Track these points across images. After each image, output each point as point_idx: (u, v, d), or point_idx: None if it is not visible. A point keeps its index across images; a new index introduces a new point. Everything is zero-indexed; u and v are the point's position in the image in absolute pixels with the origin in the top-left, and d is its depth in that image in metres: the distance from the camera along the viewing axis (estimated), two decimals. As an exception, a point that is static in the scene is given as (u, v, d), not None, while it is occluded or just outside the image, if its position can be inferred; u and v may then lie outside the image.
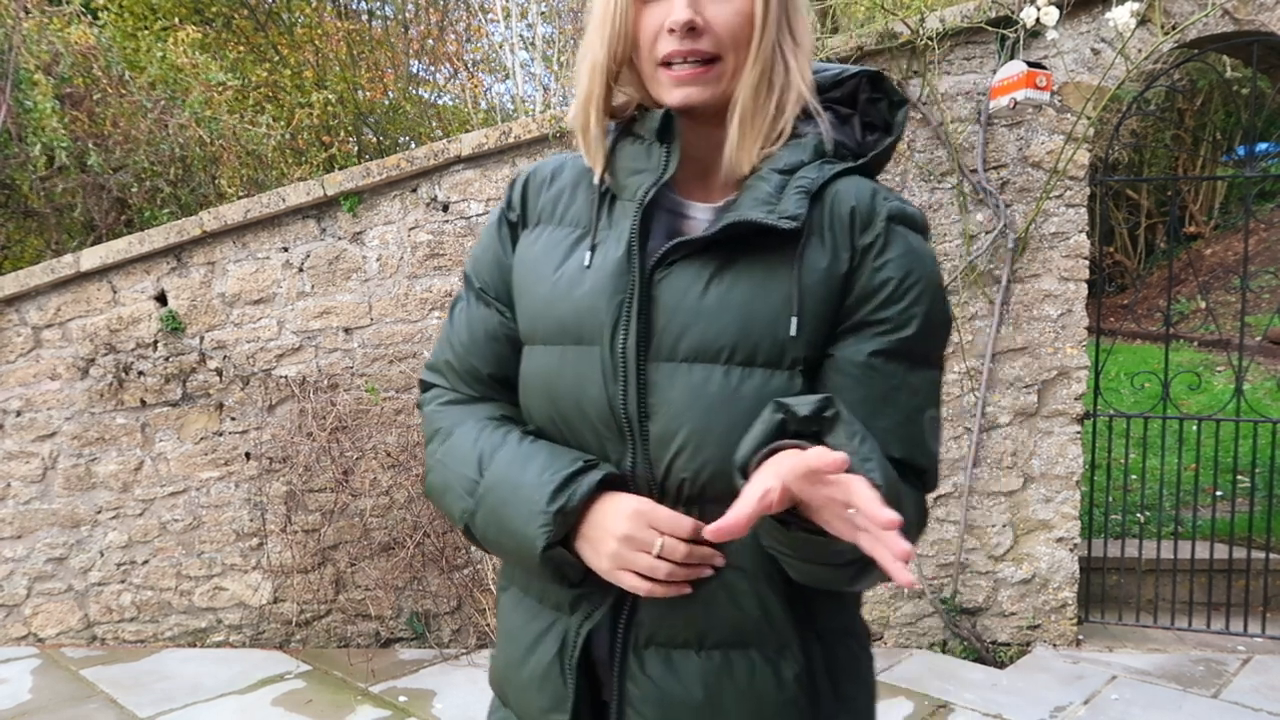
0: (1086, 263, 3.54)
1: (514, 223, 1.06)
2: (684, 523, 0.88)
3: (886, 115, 1.00)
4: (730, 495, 0.79)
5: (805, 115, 0.96)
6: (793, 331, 0.89)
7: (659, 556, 0.87)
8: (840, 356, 0.92)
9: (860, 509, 0.71)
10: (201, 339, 3.72)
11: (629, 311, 0.92)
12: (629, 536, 0.87)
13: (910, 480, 0.92)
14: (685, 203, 0.98)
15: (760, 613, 0.91)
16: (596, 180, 0.99)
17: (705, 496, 0.90)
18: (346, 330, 3.70)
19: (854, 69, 1.00)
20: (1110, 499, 4.29)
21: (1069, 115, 3.48)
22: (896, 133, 0.99)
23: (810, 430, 0.82)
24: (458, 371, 1.06)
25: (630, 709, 0.94)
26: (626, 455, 0.92)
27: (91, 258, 3.67)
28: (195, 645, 3.82)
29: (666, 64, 0.92)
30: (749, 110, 0.92)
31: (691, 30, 0.89)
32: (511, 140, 3.57)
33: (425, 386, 1.11)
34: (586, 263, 0.95)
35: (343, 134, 7.41)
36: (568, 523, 0.90)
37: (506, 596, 1.06)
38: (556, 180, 1.04)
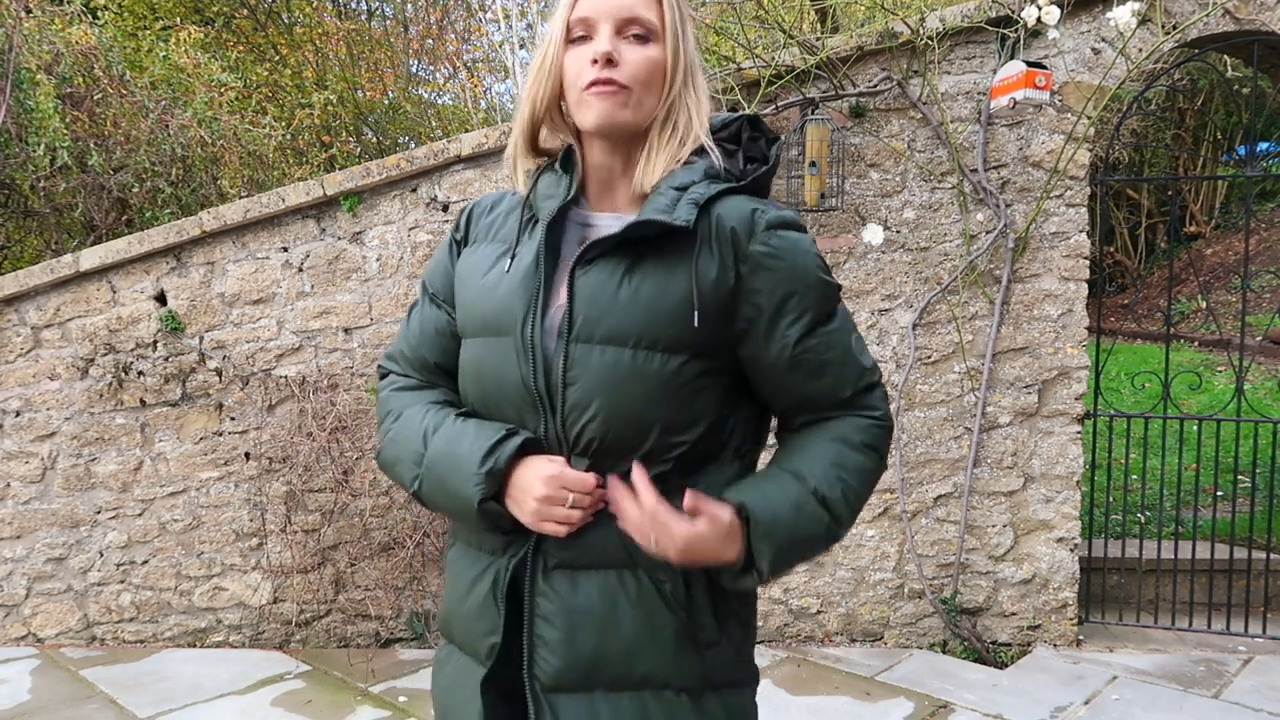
0: (1087, 262, 3.54)
1: (459, 241, 1.30)
2: (589, 480, 1.10)
3: (765, 150, 1.22)
4: (623, 451, 1.10)
5: (700, 151, 1.18)
6: (695, 324, 1.10)
7: (571, 507, 1.09)
8: (771, 356, 1.14)
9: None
10: (201, 339, 3.72)
11: (536, 306, 1.13)
12: (547, 497, 1.09)
13: (858, 404, 1.18)
14: (593, 214, 1.21)
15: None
16: (524, 206, 1.22)
17: (608, 451, 1.11)
18: (346, 330, 3.70)
19: (737, 115, 1.23)
20: (1111, 499, 4.29)
21: (1069, 115, 3.48)
22: (772, 160, 1.21)
23: None
24: (410, 360, 1.30)
25: (541, 620, 1.15)
26: (540, 422, 1.13)
27: (91, 258, 3.67)
28: (195, 645, 3.82)
29: (591, 86, 1.12)
30: (655, 144, 1.15)
31: (610, 61, 1.11)
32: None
33: (383, 373, 1.34)
34: (506, 269, 1.19)
35: (343, 134, 7.41)
36: (497, 482, 1.12)
37: (454, 550, 1.27)
38: (495, 209, 1.28)
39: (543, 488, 1.09)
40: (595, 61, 1.11)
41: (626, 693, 1.13)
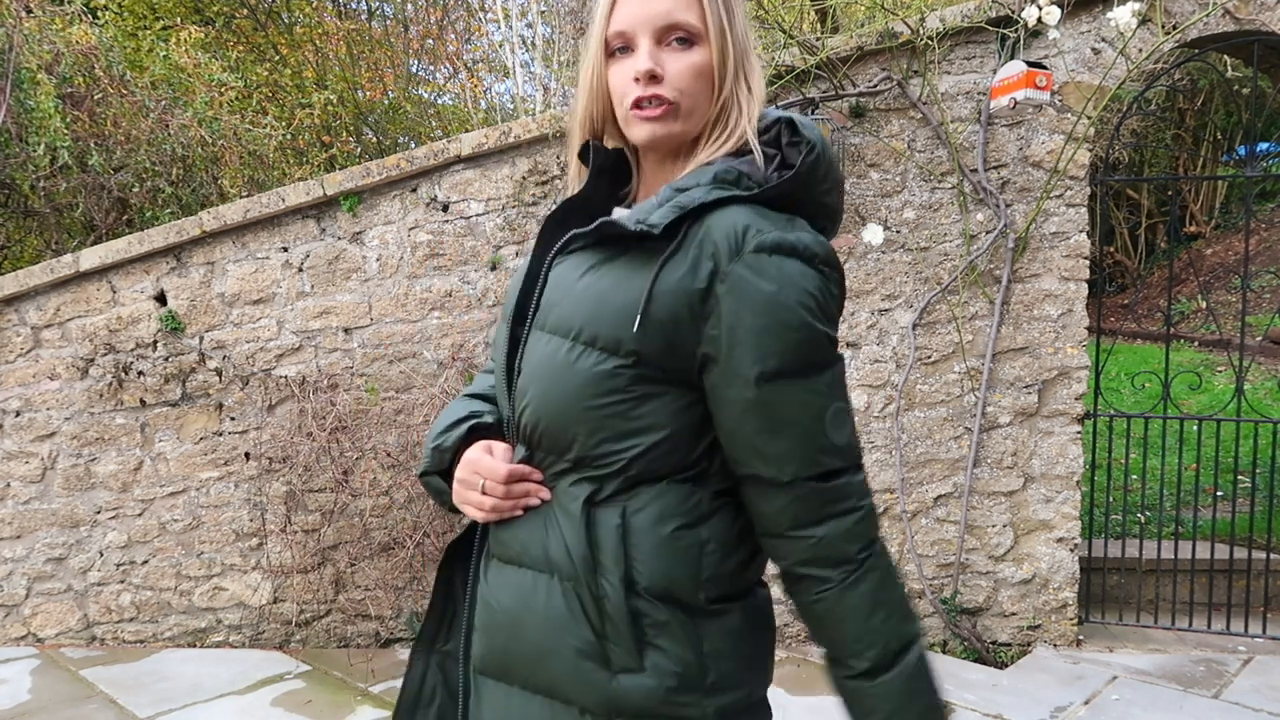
0: (1087, 262, 3.54)
1: None
2: (500, 469, 1.09)
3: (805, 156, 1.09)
4: (554, 446, 1.07)
5: (741, 151, 1.09)
6: (634, 328, 1.01)
7: (484, 493, 1.10)
8: (729, 395, 1.02)
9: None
10: (201, 339, 3.72)
11: (519, 294, 1.15)
12: (462, 479, 1.13)
13: (825, 498, 1.02)
14: (617, 211, 1.16)
15: (561, 546, 1.07)
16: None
17: (540, 444, 1.09)
18: (346, 330, 3.70)
19: (776, 114, 1.12)
20: (1111, 499, 4.29)
21: (1069, 115, 3.48)
22: (799, 169, 1.07)
23: None
24: (493, 347, 1.29)
25: (477, 603, 1.16)
26: (509, 408, 1.14)
27: (91, 258, 3.67)
28: (195, 645, 3.82)
29: (637, 105, 1.08)
30: (702, 147, 1.10)
31: (653, 78, 1.06)
32: (511, 140, 3.57)
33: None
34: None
35: (343, 134, 7.41)
36: (443, 459, 1.17)
37: None
38: None
39: (460, 470, 1.13)
40: (638, 80, 1.07)
41: (539, 696, 1.10)
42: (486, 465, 1.10)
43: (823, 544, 1.03)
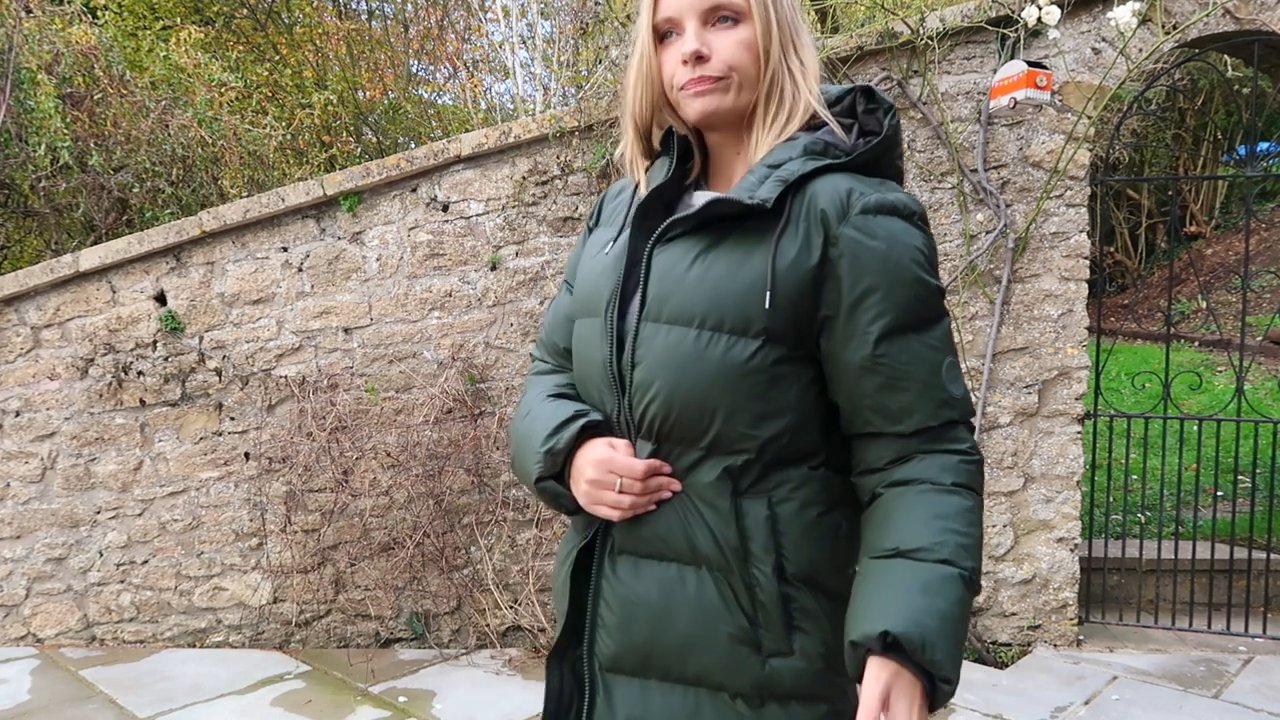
0: (1087, 262, 3.54)
1: (591, 228, 1.31)
2: (637, 466, 1.09)
3: (881, 122, 1.13)
4: (685, 436, 1.08)
5: (814, 126, 1.12)
6: (766, 305, 1.04)
7: (620, 491, 1.09)
8: (847, 355, 1.06)
9: None
10: (201, 339, 3.72)
11: (618, 286, 1.13)
12: (595, 480, 1.11)
13: (940, 437, 1.06)
14: (700, 195, 1.17)
15: (708, 538, 1.08)
16: (635, 192, 1.22)
17: (670, 436, 1.09)
18: (346, 330, 3.70)
19: (850, 87, 1.17)
20: (1111, 499, 4.29)
21: (1069, 115, 3.48)
22: (886, 132, 1.11)
23: None
24: (546, 346, 1.32)
25: (602, 601, 1.16)
26: (615, 403, 1.13)
27: (91, 258, 3.67)
28: (195, 645, 3.82)
29: (685, 86, 1.11)
30: (760, 120, 1.12)
31: (700, 59, 1.09)
32: (511, 140, 3.57)
33: (533, 359, 1.36)
34: (608, 251, 1.18)
35: (343, 134, 7.41)
36: (557, 462, 1.14)
37: (565, 534, 1.31)
38: (621, 194, 1.28)
39: (591, 470, 1.11)
40: (685, 62, 1.10)
41: (680, 686, 1.12)
42: (622, 463, 1.09)
43: (920, 467, 1.05)
